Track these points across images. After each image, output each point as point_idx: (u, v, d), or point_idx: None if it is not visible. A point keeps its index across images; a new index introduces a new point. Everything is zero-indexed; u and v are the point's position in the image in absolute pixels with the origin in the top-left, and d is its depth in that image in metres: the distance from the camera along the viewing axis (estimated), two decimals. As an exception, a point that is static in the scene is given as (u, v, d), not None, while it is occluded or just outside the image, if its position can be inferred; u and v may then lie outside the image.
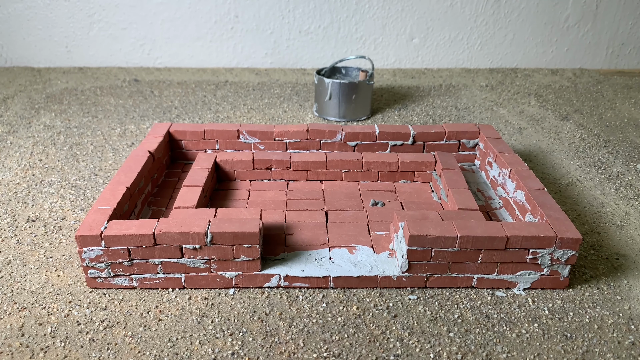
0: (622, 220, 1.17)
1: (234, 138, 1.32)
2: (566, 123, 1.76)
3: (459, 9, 2.30)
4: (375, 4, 2.26)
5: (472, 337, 0.83)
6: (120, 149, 1.50)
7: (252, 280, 0.93)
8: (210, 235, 0.88)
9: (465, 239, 0.89)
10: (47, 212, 1.16)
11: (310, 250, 0.99)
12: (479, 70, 2.39)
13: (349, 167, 1.26)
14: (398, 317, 0.87)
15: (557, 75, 2.34)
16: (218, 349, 0.80)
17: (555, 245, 0.90)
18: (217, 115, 1.78)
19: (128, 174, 1.08)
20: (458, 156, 1.36)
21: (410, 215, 0.97)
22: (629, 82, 2.24)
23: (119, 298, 0.90)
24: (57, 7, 2.23)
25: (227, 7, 2.24)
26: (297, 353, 0.80)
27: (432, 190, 1.24)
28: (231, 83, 2.14)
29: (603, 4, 2.32)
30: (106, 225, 0.90)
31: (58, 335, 0.82)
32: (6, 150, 1.47)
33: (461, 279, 0.93)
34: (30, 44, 2.30)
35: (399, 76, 2.29)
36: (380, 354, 0.80)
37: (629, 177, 1.38)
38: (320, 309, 0.89)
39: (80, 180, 1.31)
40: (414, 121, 1.76)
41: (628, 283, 0.97)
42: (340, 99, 1.72)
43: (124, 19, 2.26)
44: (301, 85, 2.14)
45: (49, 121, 1.70)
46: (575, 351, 0.81)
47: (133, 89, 2.05)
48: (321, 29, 2.31)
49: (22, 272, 0.96)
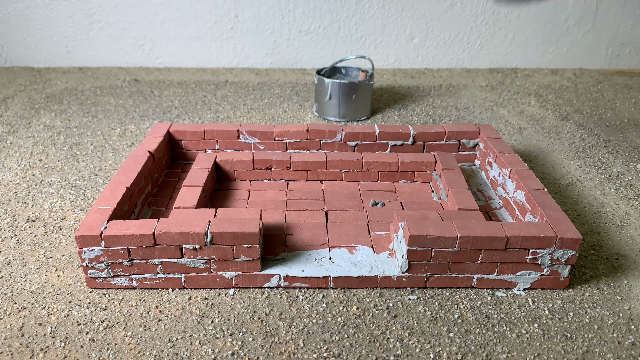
0: (622, 220, 1.17)
1: (234, 138, 1.32)
2: (566, 123, 1.76)
3: (459, 9, 2.30)
4: (375, 4, 2.26)
5: (472, 337, 0.83)
6: (120, 149, 1.50)
7: (252, 281, 0.93)
8: (210, 235, 0.88)
9: (465, 239, 0.89)
10: (47, 212, 1.16)
11: (310, 250, 0.99)
12: (479, 70, 2.39)
13: (349, 167, 1.26)
14: (398, 317, 0.87)
15: (557, 75, 2.34)
16: (218, 349, 0.80)
17: (555, 246, 0.90)
18: (217, 115, 1.78)
19: (128, 174, 1.08)
20: (458, 156, 1.36)
21: (410, 215, 0.97)
22: (629, 82, 2.24)
23: (119, 298, 0.90)
24: (57, 7, 2.22)
25: (227, 7, 2.24)
26: (297, 353, 0.80)
27: (432, 190, 1.24)
28: (231, 83, 2.14)
29: (603, 4, 2.32)
30: (106, 225, 0.90)
31: (58, 335, 0.82)
32: (6, 150, 1.47)
33: (461, 279, 0.93)
34: (30, 44, 2.30)
35: (399, 76, 2.29)
36: (380, 354, 0.80)
37: (629, 177, 1.38)
38: (320, 309, 0.89)
39: (80, 180, 1.31)
40: (414, 121, 1.76)
41: (628, 283, 0.97)
42: (340, 99, 1.72)
43: (124, 19, 2.26)
44: (301, 85, 2.14)
45: (49, 121, 1.70)
46: (575, 351, 0.81)
47: (133, 89, 2.05)
48: (321, 29, 2.31)
49: (22, 272, 0.96)
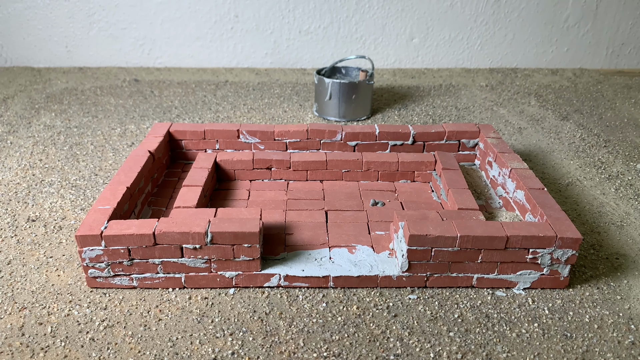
0: (622, 220, 1.17)
1: (234, 138, 1.32)
2: (566, 123, 1.76)
3: (459, 9, 2.30)
4: (375, 4, 2.26)
5: (472, 336, 0.83)
6: (120, 149, 1.50)
7: (252, 280, 0.93)
8: (210, 235, 0.88)
9: (465, 238, 0.89)
10: (47, 212, 1.16)
11: (310, 250, 0.99)
12: (479, 70, 2.39)
13: (349, 167, 1.26)
14: (398, 316, 0.87)
15: (557, 75, 2.34)
16: (218, 349, 0.80)
17: (555, 245, 0.90)
18: (217, 115, 1.78)
19: (128, 174, 1.08)
20: (458, 156, 1.36)
21: (410, 215, 0.97)
22: (629, 82, 2.24)
23: (119, 298, 0.90)
24: (57, 7, 2.23)
25: (227, 7, 2.24)
26: (297, 353, 0.80)
27: (432, 190, 1.24)
28: (231, 83, 2.14)
29: (603, 4, 2.32)
30: (106, 225, 0.90)
31: (58, 335, 0.82)
32: (6, 150, 1.47)
33: (461, 278, 0.93)
34: (30, 44, 2.30)
35: (399, 76, 2.29)
36: (380, 353, 0.80)
37: (629, 177, 1.38)
38: (320, 308, 0.89)
39: (80, 180, 1.31)
40: (414, 121, 1.76)
41: (628, 283, 0.97)
42: (340, 99, 1.72)
43: (124, 19, 2.26)
44: (301, 85, 2.14)
45: (49, 121, 1.70)
46: (575, 351, 0.81)
47: (133, 89, 2.05)
48: (321, 29, 2.31)
49: (22, 272, 0.96)
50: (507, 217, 1.11)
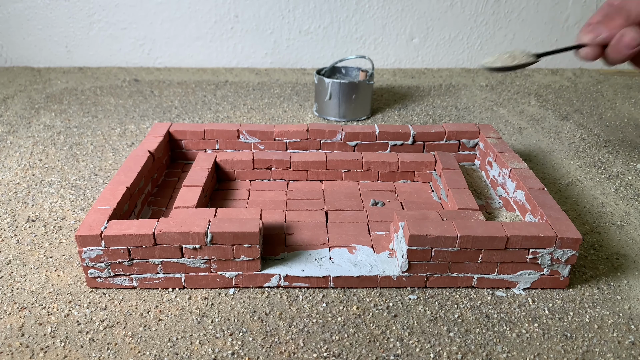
0: (622, 220, 1.17)
1: (234, 138, 1.32)
2: (566, 123, 1.76)
3: (459, 9, 2.30)
4: (375, 4, 2.26)
5: (472, 337, 0.83)
6: (120, 149, 1.50)
7: (252, 280, 0.93)
8: (210, 235, 0.88)
9: (465, 238, 0.89)
10: (47, 212, 1.16)
11: (310, 250, 0.99)
12: (479, 70, 2.39)
13: (349, 167, 1.26)
14: (398, 317, 0.87)
15: (557, 75, 2.34)
16: (218, 349, 0.80)
17: (555, 245, 0.90)
18: (217, 115, 1.78)
19: (128, 174, 1.08)
20: (458, 156, 1.36)
21: (410, 215, 0.97)
22: (629, 82, 2.24)
23: (119, 298, 0.90)
24: (57, 7, 2.23)
25: (227, 7, 2.24)
26: (297, 353, 0.80)
27: (432, 190, 1.24)
28: (231, 83, 2.14)
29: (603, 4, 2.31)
30: (106, 225, 0.90)
31: (58, 335, 0.82)
32: (6, 150, 1.47)
33: (461, 278, 0.93)
34: (30, 44, 2.30)
35: (399, 76, 2.29)
36: (380, 353, 0.80)
37: (629, 177, 1.38)
38: (320, 308, 0.89)
39: (80, 180, 1.31)
40: (414, 121, 1.76)
41: (628, 283, 0.97)
42: (340, 99, 1.72)
43: (124, 19, 2.26)
44: (301, 85, 2.14)
45: (49, 121, 1.70)
46: (575, 351, 0.81)
47: (133, 89, 2.05)
48: (321, 29, 2.31)
49: (22, 272, 0.96)
50: (507, 217, 1.11)
